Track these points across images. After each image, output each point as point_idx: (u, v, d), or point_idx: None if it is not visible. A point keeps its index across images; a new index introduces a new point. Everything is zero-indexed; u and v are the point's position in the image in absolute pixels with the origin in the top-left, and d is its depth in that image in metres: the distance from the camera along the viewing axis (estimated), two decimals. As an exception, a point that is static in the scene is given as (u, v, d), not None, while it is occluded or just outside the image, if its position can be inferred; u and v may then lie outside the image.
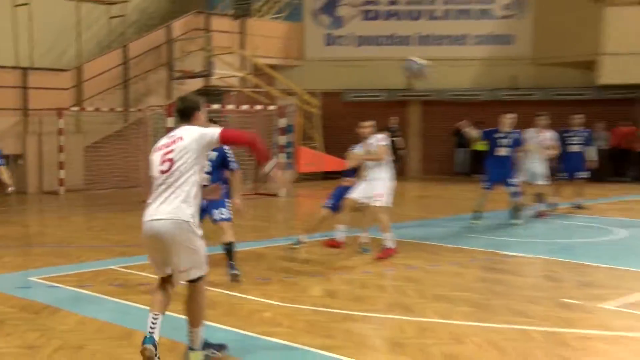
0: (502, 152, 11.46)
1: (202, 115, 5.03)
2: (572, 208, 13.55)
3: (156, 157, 4.88)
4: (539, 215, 12.56)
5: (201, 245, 4.85)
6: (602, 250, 9.74)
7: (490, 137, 11.71)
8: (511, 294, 7.13)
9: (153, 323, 4.80)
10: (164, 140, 4.97)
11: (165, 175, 4.76)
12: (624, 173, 20.95)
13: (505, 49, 23.01)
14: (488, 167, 11.69)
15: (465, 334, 5.65)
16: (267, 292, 7.12)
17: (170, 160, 4.77)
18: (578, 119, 13.91)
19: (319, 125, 21.56)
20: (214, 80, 20.01)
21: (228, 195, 7.59)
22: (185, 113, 4.99)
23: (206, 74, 18.97)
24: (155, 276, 5.03)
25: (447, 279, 7.73)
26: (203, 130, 4.86)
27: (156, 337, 4.76)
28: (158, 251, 4.82)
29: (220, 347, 5.14)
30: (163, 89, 20.18)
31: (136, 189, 16.93)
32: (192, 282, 4.92)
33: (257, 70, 20.93)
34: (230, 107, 18.40)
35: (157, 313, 4.86)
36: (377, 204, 8.97)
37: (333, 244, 9.49)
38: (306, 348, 5.35)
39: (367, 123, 9.40)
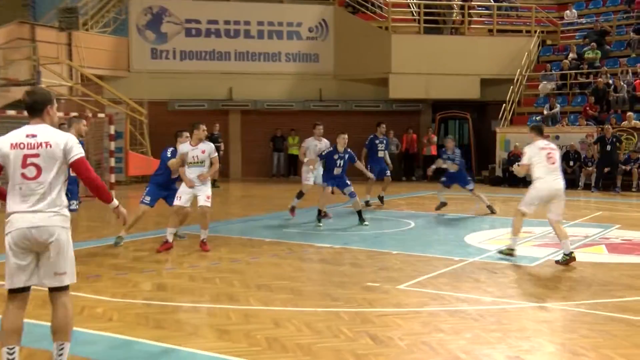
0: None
1: (54, 110, 4.30)
2: (378, 203, 14.26)
3: (14, 154, 4.13)
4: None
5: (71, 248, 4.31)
6: (396, 239, 10.28)
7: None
8: (322, 280, 7.30)
9: (11, 358, 4.12)
10: (19, 136, 4.18)
11: (32, 181, 4.13)
12: (412, 173, 22.58)
13: (311, 65, 23.66)
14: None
15: (284, 318, 5.69)
16: (98, 289, 6.72)
17: (37, 166, 4.13)
18: (383, 128, 14.80)
19: (147, 131, 20.85)
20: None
21: None
22: (35, 108, 4.23)
23: (33, 82, 17.56)
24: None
25: (267, 270, 7.77)
26: (71, 143, 4.21)
27: None
28: (29, 256, 4.18)
29: None
30: (-13, 96, 18.38)
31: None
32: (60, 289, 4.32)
33: (85, 80, 19.78)
34: (59, 114, 17.17)
35: (12, 346, 4.18)
36: (209, 204, 8.94)
37: (166, 247, 8.97)
38: (139, 340, 5.11)
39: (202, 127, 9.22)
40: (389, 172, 14.41)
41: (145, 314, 5.83)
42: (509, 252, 8.38)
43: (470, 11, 23.05)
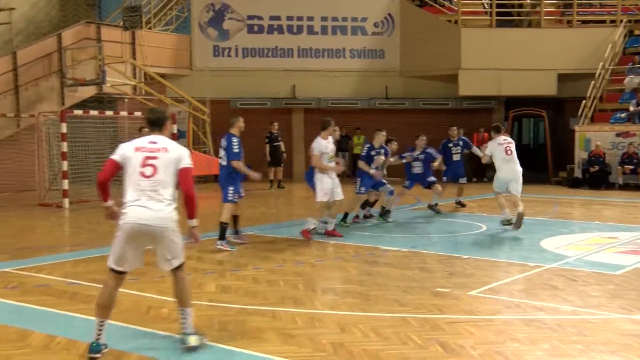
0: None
1: (169, 125, 5.31)
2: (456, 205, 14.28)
3: (136, 157, 4.98)
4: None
5: (180, 239, 5.10)
6: (467, 243, 10.14)
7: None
8: (390, 285, 7.28)
9: (100, 329, 4.87)
10: (142, 142, 5.07)
11: (149, 179, 4.92)
12: (483, 174, 22.14)
13: (377, 62, 23.60)
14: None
15: (351, 323, 5.71)
16: (163, 290, 6.90)
17: (154, 167, 4.95)
18: (454, 130, 14.80)
19: (209, 130, 21.29)
20: (107, 88, 19.30)
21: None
22: (156, 122, 5.19)
23: (99, 82, 18.23)
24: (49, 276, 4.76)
25: (333, 273, 7.80)
26: (183, 154, 5.10)
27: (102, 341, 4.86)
28: (136, 248, 4.96)
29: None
30: (55, 96, 19.19)
31: (30, 192, 16.01)
32: (176, 269, 5.13)
33: (148, 79, 20.37)
34: (123, 113, 17.78)
35: (103, 320, 4.91)
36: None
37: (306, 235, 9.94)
38: (209, 343, 5.22)
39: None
40: (463, 179, 14.41)
41: (210, 315, 5.96)
42: (507, 223, 10.97)
43: (546, 1, 22.45)
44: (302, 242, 9.95)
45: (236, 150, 9.23)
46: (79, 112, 15.83)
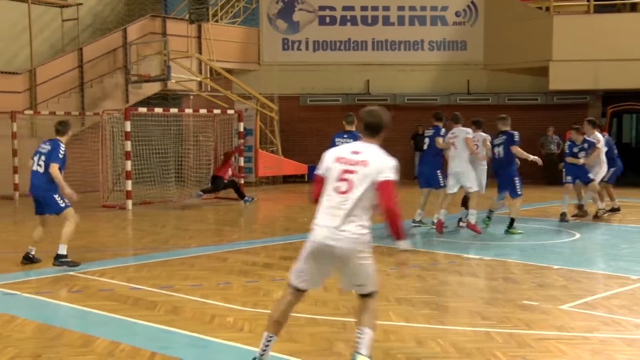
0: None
1: (385, 133, 4.91)
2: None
3: (335, 168, 4.74)
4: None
5: (371, 263, 4.88)
6: (557, 252, 9.87)
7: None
8: (472, 296, 7.16)
9: (266, 344, 4.82)
10: (344, 151, 4.82)
11: (341, 195, 4.66)
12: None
13: (458, 54, 23.29)
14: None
15: (428, 337, 5.65)
16: (228, 297, 7.03)
17: (349, 182, 4.66)
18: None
19: (277, 129, 21.51)
20: (171, 85, 19.80)
21: None
22: (372, 128, 4.87)
23: (163, 78, 18.74)
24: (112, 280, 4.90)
25: (409, 282, 7.73)
26: (384, 166, 4.74)
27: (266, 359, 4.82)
28: (318, 269, 4.79)
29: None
30: (120, 93, 19.88)
31: (94, 193, 16.60)
32: (365, 296, 4.92)
33: (215, 75, 20.78)
34: (188, 111, 18.21)
35: (272, 334, 4.83)
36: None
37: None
38: (270, 353, 5.27)
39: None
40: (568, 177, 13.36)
41: (277, 325, 6.00)
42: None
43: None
44: (376, 249, 9.87)
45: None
46: (143, 109, 16.32)
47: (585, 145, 12.76)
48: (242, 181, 17.07)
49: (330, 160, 4.81)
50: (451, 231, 11.61)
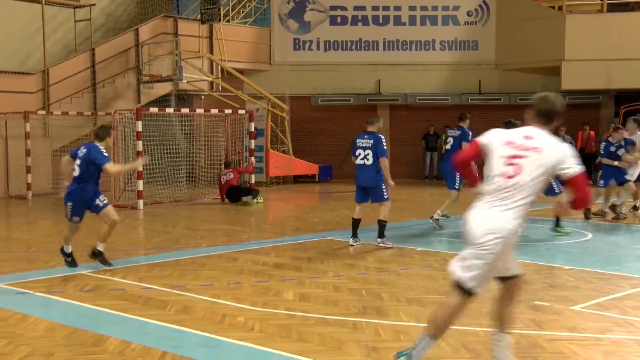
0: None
1: (558, 121, 4.70)
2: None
3: (503, 151, 4.53)
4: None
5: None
6: (569, 252, 9.82)
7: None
8: (482, 296, 7.11)
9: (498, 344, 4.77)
10: (516, 136, 4.59)
11: (507, 180, 4.46)
12: (589, 176, 21.25)
13: (470, 54, 23.23)
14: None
15: (439, 337, 5.62)
16: (239, 297, 7.03)
17: (519, 167, 4.46)
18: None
19: (288, 129, 21.54)
20: (183, 85, 19.87)
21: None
22: (545, 115, 4.64)
23: (175, 78, 18.81)
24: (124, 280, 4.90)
25: (419, 282, 7.72)
26: (563, 156, 4.47)
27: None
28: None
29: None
30: (131, 93, 19.97)
31: (105, 193, 16.64)
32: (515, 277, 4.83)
33: (226, 75, 20.83)
34: (199, 111, 18.27)
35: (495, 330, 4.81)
36: None
37: None
38: (280, 353, 5.28)
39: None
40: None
41: (288, 325, 6.02)
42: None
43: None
44: (387, 249, 9.89)
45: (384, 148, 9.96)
46: (154, 109, 16.38)
47: (623, 143, 12.73)
48: (252, 177, 17.19)
49: (499, 140, 4.61)
50: (461, 231, 11.57)
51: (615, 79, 20.60)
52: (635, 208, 13.58)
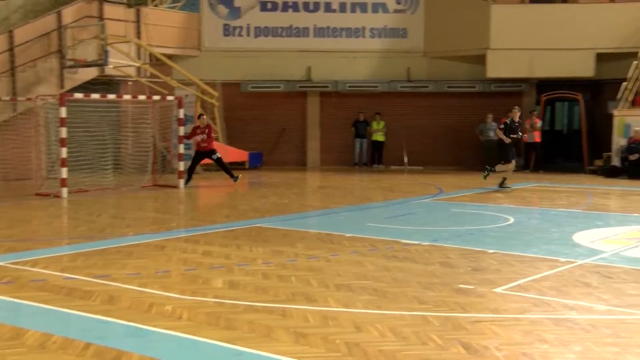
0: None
1: None
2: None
3: None
4: None
5: None
6: (492, 236, 10.09)
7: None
8: (409, 281, 7.26)
9: None
10: None
11: None
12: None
13: (399, 42, 23.48)
14: None
15: (367, 322, 5.70)
16: (167, 285, 6.94)
17: None
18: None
19: (219, 115, 21.32)
20: (109, 70, 19.38)
21: None
22: None
23: (101, 63, 18.33)
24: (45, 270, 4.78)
25: (348, 268, 7.79)
26: None
27: None
28: None
29: None
30: (54, 78, 19.32)
31: (27, 181, 16.16)
32: None
33: (154, 60, 20.43)
34: (127, 97, 17.86)
35: None
36: None
37: None
38: (209, 341, 5.24)
39: None
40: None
41: (216, 313, 5.98)
42: None
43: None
44: (316, 236, 9.94)
45: None
46: (79, 95, 15.92)
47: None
48: (181, 165, 16.97)
49: None
50: (390, 217, 11.74)
51: (537, 67, 21.25)
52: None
